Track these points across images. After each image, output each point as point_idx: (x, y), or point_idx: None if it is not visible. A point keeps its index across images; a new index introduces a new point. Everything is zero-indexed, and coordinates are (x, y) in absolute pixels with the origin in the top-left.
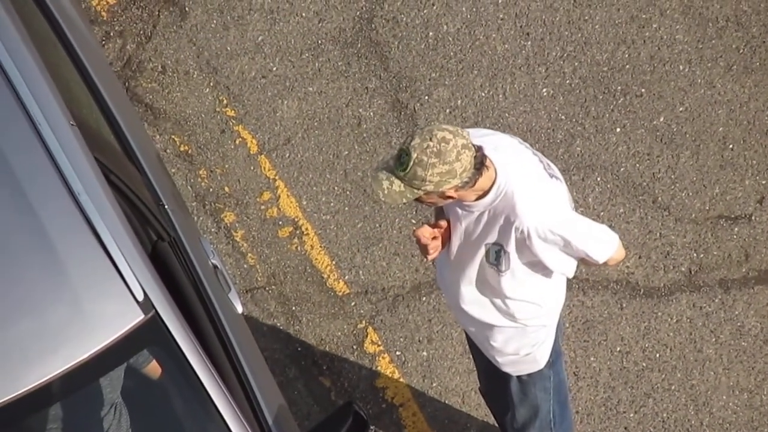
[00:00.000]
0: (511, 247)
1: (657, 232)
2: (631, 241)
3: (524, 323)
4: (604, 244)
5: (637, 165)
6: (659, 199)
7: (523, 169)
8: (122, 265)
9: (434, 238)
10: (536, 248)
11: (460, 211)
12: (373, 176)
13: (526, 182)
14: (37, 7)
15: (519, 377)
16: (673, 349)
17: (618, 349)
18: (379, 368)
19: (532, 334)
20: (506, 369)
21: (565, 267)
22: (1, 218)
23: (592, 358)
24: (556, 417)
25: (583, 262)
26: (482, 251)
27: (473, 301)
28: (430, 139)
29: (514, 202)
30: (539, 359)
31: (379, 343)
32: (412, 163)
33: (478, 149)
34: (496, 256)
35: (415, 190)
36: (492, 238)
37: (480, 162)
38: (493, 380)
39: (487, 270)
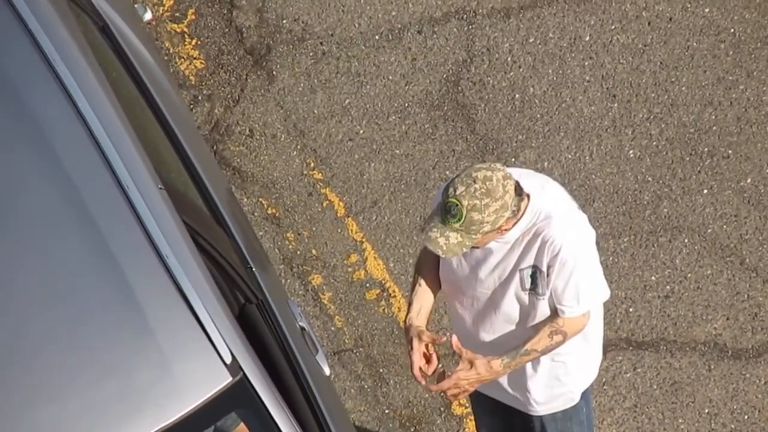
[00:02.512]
0: (545, 267)
1: (745, 293)
2: (718, 302)
3: (565, 358)
4: (579, 293)
5: (725, 226)
6: (747, 260)
7: (555, 192)
8: (210, 328)
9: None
10: (556, 267)
11: (493, 245)
12: (424, 238)
13: (560, 203)
14: (126, 71)
15: (554, 416)
16: (762, 411)
17: (706, 411)
18: (467, 430)
19: (572, 366)
20: (541, 411)
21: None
22: (89, 281)
23: (680, 420)
24: None
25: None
26: (516, 281)
27: (507, 345)
28: (474, 182)
29: (551, 220)
30: (576, 393)
31: (467, 405)
32: (465, 211)
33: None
34: (532, 279)
35: (473, 236)
36: (527, 262)
37: (519, 187)
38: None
39: (524, 300)
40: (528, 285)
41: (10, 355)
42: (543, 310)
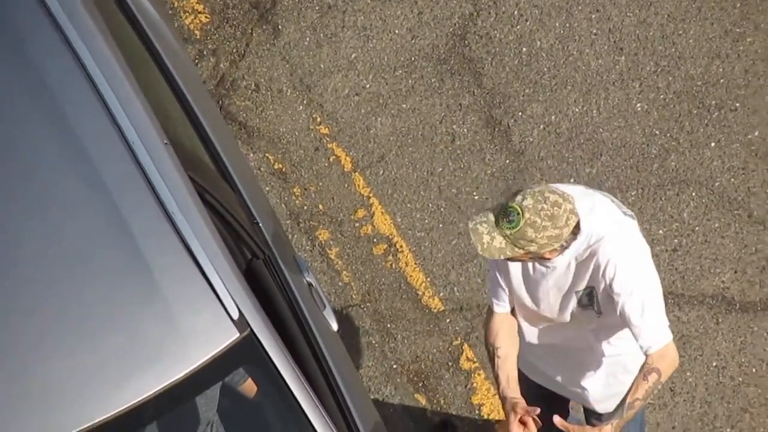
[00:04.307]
0: (602, 288)
1: (753, 246)
2: (726, 255)
3: (624, 359)
4: (655, 328)
5: (732, 179)
6: (755, 213)
7: (603, 212)
8: (217, 284)
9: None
10: (615, 288)
11: (543, 269)
12: (472, 228)
13: (609, 223)
14: (131, 27)
15: (611, 413)
16: None
17: (714, 364)
18: (474, 385)
19: (631, 366)
20: (599, 409)
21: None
22: (96, 236)
23: (688, 373)
24: None
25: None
26: (573, 301)
27: (571, 353)
28: (544, 202)
29: (600, 243)
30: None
31: (475, 359)
32: (523, 222)
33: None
34: (589, 299)
35: (517, 249)
36: (582, 284)
37: (578, 226)
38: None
39: (584, 317)
40: (585, 302)
41: (15, 308)
42: (605, 322)
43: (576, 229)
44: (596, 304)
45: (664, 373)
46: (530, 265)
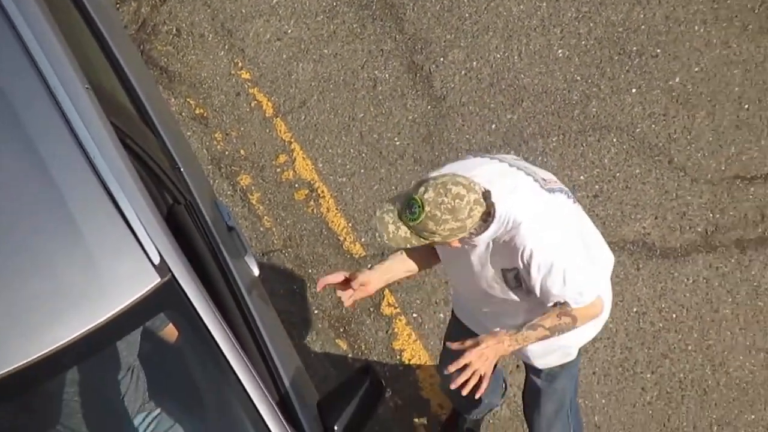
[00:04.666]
0: (523, 270)
1: (673, 192)
2: (647, 201)
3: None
4: (579, 294)
5: (653, 126)
6: (675, 159)
7: (521, 195)
8: (138, 229)
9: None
10: (542, 272)
11: (465, 246)
12: (378, 217)
13: (526, 208)
14: None
15: (551, 370)
16: (690, 310)
17: (635, 309)
18: (395, 330)
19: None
20: (538, 365)
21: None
22: (15, 181)
23: (608, 319)
24: (571, 406)
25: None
26: (500, 279)
27: (510, 315)
28: (445, 195)
29: (519, 228)
30: (573, 349)
31: (396, 305)
32: (423, 216)
33: (486, 197)
34: (515, 280)
35: (422, 239)
36: (505, 264)
37: (487, 214)
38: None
39: (514, 297)
40: (513, 285)
41: None
42: (538, 301)
43: (486, 216)
44: (525, 285)
45: (580, 321)
46: None
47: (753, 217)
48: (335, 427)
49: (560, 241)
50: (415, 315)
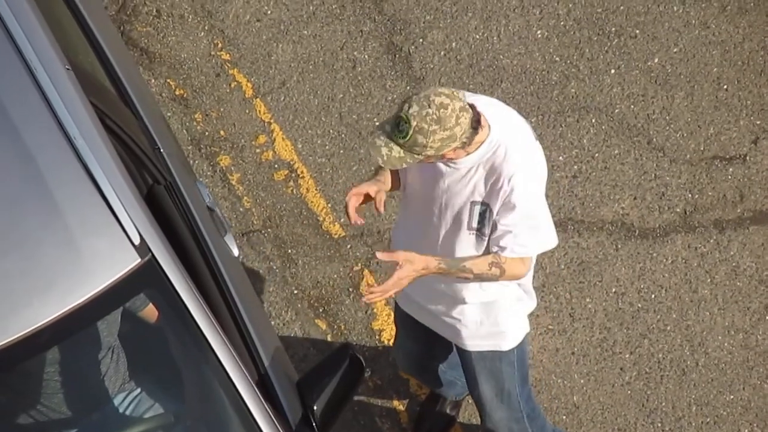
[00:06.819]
0: (497, 207)
1: (652, 173)
2: (626, 182)
3: (499, 296)
4: (522, 243)
5: (632, 106)
6: (654, 140)
7: (514, 124)
8: (118, 209)
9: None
10: (506, 207)
11: (444, 168)
12: (370, 143)
13: (518, 136)
14: None
15: (482, 354)
16: (669, 290)
17: (613, 290)
18: (375, 310)
19: (504, 304)
20: (470, 346)
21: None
22: None
23: (587, 300)
24: (519, 391)
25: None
26: (466, 213)
27: (451, 285)
28: (429, 106)
29: (507, 155)
30: (506, 341)
31: (375, 285)
32: (412, 131)
33: (473, 107)
34: (480, 218)
35: (416, 156)
36: (479, 195)
37: (476, 120)
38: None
39: (466, 237)
40: (475, 224)
41: None
42: (482, 250)
43: (476, 124)
44: (486, 227)
45: (506, 274)
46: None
47: (731, 197)
48: (314, 407)
49: (541, 191)
50: (394, 296)
